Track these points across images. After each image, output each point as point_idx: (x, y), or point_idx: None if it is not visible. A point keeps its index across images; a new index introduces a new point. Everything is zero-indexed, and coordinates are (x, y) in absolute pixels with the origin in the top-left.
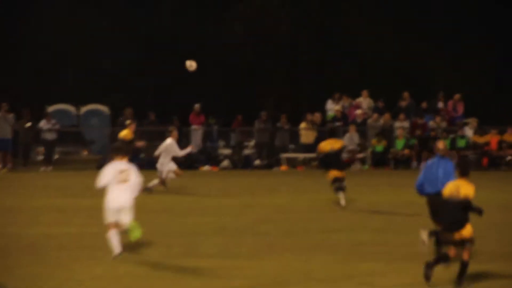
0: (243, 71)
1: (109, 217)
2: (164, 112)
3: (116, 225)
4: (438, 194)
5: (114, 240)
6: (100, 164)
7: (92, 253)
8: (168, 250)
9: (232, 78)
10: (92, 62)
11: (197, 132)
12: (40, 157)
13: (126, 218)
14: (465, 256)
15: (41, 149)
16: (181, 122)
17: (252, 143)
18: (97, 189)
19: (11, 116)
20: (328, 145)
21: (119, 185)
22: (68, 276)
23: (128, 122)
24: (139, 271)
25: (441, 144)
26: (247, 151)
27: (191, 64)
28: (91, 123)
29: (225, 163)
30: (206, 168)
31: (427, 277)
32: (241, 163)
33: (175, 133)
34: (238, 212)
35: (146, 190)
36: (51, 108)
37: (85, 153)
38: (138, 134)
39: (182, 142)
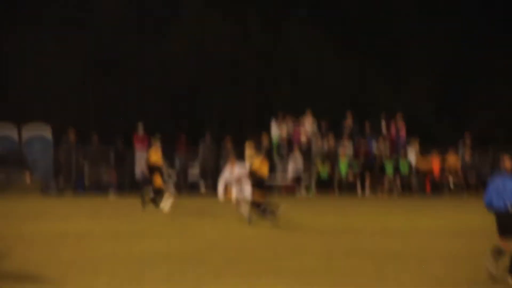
0: (185, 90)
1: None
2: (107, 132)
3: None
4: (506, 210)
5: None
6: (43, 189)
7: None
8: (111, 278)
9: (174, 98)
10: (34, 81)
11: (142, 155)
12: None
13: None
14: None
15: None
16: (125, 143)
17: (196, 167)
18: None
19: None
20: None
21: None
22: None
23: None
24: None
25: (507, 162)
26: (193, 174)
27: None
28: (34, 146)
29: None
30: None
31: None
32: (187, 188)
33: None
34: (185, 238)
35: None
36: None
37: (27, 178)
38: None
39: (127, 164)
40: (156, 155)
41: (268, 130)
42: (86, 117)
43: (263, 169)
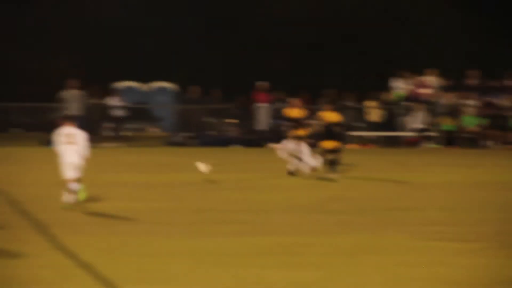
0: (308, 48)
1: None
2: (230, 89)
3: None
4: None
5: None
6: (168, 141)
7: (165, 228)
8: (240, 227)
9: (298, 56)
10: (158, 40)
11: (263, 110)
12: (109, 134)
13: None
14: None
15: (110, 125)
16: (247, 100)
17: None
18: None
19: (81, 93)
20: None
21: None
22: (143, 251)
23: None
24: (211, 246)
25: None
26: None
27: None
28: (159, 100)
29: None
30: (273, 145)
31: None
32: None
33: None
34: (308, 190)
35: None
36: (119, 85)
37: (153, 130)
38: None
39: (249, 119)
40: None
41: (389, 87)
42: (209, 72)
43: (333, 118)
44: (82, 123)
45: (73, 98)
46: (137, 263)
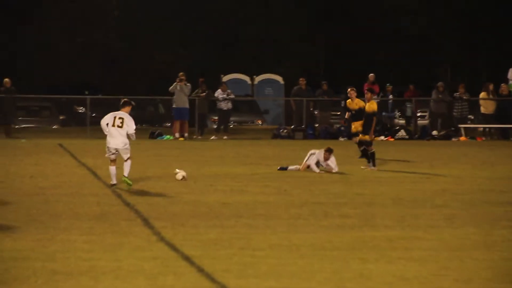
0: (416, 38)
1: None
2: (337, 81)
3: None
4: None
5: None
6: (274, 134)
7: (267, 221)
8: (342, 221)
9: (405, 47)
10: (265, 33)
11: None
12: (215, 126)
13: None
14: None
15: (217, 118)
16: (356, 92)
17: (427, 113)
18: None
19: (188, 86)
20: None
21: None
22: (244, 244)
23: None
24: (313, 240)
25: None
26: (422, 122)
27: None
28: (266, 93)
29: (401, 133)
30: (382, 138)
31: None
32: (418, 134)
33: None
34: (416, 183)
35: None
36: (226, 78)
37: (259, 122)
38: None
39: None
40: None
41: (505, 79)
42: (316, 65)
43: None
44: (188, 115)
45: (180, 91)
46: (238, 256)
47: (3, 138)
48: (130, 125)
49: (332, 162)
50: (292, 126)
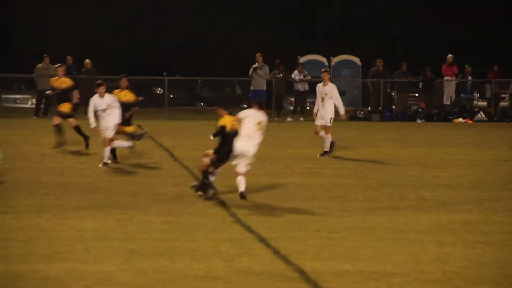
0: (498, 17)
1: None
2: (415, 62)
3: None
4: None
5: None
6: (351, 116)
7: (343, 204)
8: (419, 203)
9: (485, 26)
10: (342, 12)
11: (449, 84)
12: (292, 108)
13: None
14: None
15: (293, 99)
16: (433, 73)
17: (507, 95)
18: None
19: (265, 67)
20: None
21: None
22: (319, 226)
23: None
24: (395, 223)
25: None
26: (503, 103)
27: None
28: (343, 74)
29: (480, 115)
30: (460, 120)
31: None
32: (498, 116)
33: None
34: (495, 166)
35: None
36: (303, 59)
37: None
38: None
39: (435, 93)
40: None
41: None
42: (393, 47)
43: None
44: (265, 97)
45: (259, 68)
46: (314, 239)
47: (84, 119)
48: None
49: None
50: (369, 108)
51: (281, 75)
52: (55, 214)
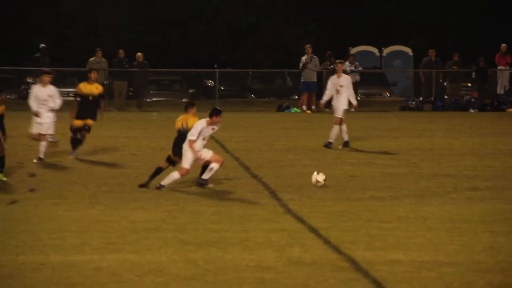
0: None
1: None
2: (467, 52)
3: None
4: None
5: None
6: (402, 106)
7: (394, 194)
8: (472, 194)
9: None
10: (393, 4)
11: (503, 73)
12: None
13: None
14: None
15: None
16: (486, 63)
17: None
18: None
19: (315, 59)
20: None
21: None
22: (371, 216)
23: None
24: (448, 213)
25: None
26: None
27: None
28: (394, 65)
29: None
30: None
31: None
32: None
33: None
34: None
35: None
36: (354, 50)
37: (387, 95)
38: None
39: (488, 83)
40: None
41: None
42: (446, 36)
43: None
44: (315, 88)
45: (309, 64)
46: (365, 229)
47: (135, 111)
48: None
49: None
50: (421, 98)
51: (332, 66)
52: (107, 205)
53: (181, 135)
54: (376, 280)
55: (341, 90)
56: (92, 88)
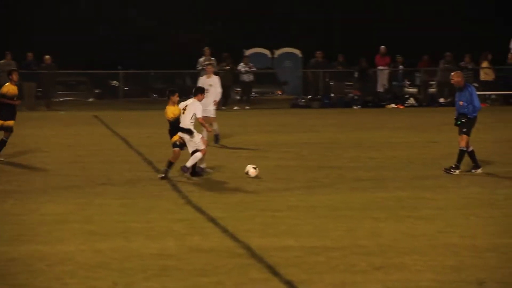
0: (426, 12)
1: None
2: (351, 54)
3: None
4: None
5: None
6: (293, 103)
7: (286, 185)
8: (356, 184)
9: (415, 19)
10: (284, 9)
11: (382, 73)
12: (238, 97)
13: None
14: None
15: (239, 90)
16: (368, 63)
17: (435, 82)
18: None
19: (212, 60)
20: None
21: None
22: (265, 206)
23: None
24: (334, 202)
25: None
26: (431, 90)
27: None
28: (285, 65)
29: (411, 101)
30: (392, 106)
31: None
32: (427, 101)
33: None
34: (425, 147)
35: None
36: (248, 52)
37: (279, 93)
38: None
39: (369, 82)
40: None
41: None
42: (332, 39)
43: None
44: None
45: (206, 64)
46: (260, 217)
47: (44, 111)
48: None
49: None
50: (309, 96)
51: (228, 67)
52: (18, 199)
53: (173, 124)
54: (269, 265)
55: (210, 90)
56: (15, 89)
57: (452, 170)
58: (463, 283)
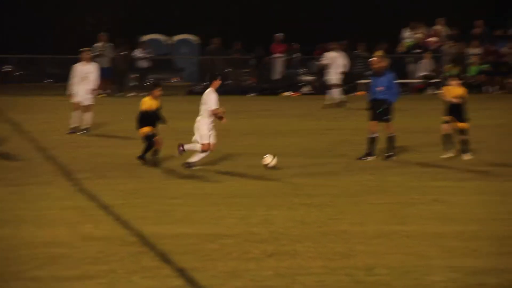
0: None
1: None
2: (248, 41)
3: None
4: None
5: None
6: (190, 90)
7: (182, 172)
8: (252, 170)
9: (314, 7)
10: None
11: (279, 60)
12: (134, 84)
13: None
14: None
15: (135, 76)
16: (265, 51)
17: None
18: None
19: (109, 46)
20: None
21: None
22: (161, 193)
23: None
24: (229, 189)
25: None
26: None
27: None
28: (182, 52)
29: (306, 88)
30: (288, 93)
31: None
32: (322, 89)
33: None
34: (320, 135)
35: None
36: (145, 38)
37: (175, 80)
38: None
39: (266, 69)
40: None
41: (400, 38)
42: (229, 26)
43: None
44: (110, 73)
45: (102, 50)
46: (155, 204)
47: None
48: None
49: None
50: (206, 83)
51: (124, 53)
52: None
53: (145, 115)
54: (162, 252)
55: (86, 78)
56: None
57: (390, 158)
58: (352, 269)
